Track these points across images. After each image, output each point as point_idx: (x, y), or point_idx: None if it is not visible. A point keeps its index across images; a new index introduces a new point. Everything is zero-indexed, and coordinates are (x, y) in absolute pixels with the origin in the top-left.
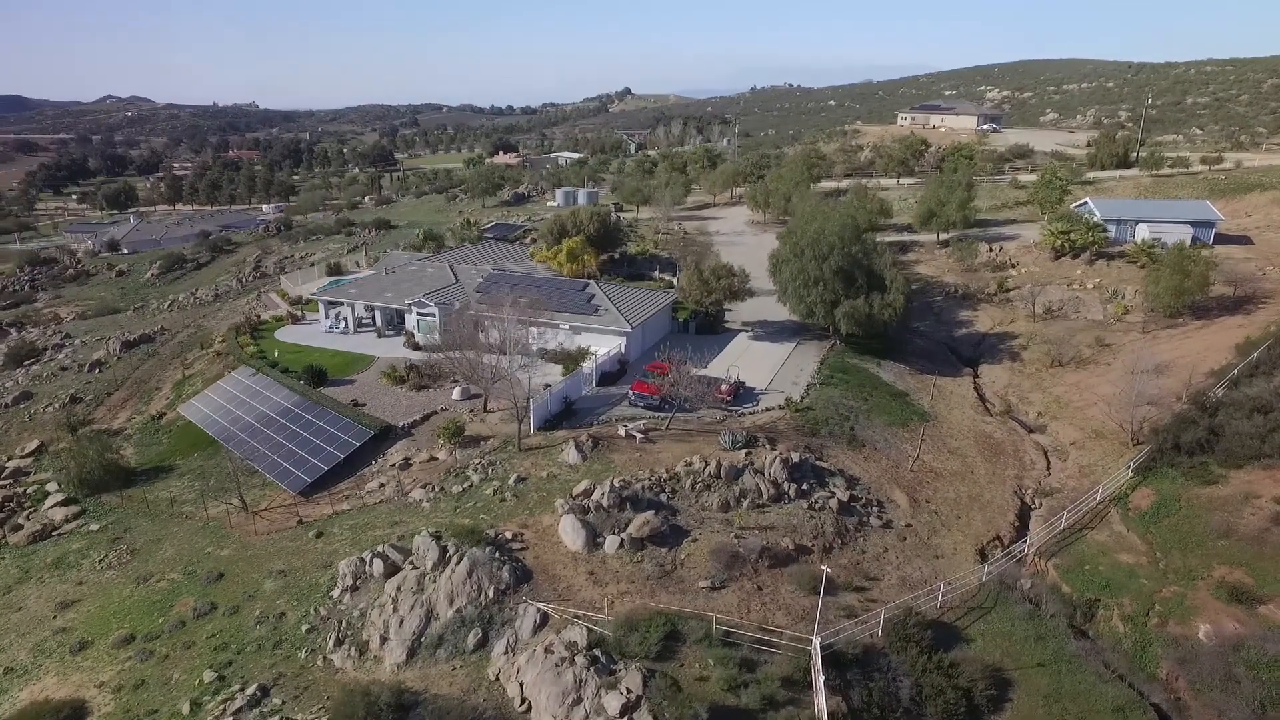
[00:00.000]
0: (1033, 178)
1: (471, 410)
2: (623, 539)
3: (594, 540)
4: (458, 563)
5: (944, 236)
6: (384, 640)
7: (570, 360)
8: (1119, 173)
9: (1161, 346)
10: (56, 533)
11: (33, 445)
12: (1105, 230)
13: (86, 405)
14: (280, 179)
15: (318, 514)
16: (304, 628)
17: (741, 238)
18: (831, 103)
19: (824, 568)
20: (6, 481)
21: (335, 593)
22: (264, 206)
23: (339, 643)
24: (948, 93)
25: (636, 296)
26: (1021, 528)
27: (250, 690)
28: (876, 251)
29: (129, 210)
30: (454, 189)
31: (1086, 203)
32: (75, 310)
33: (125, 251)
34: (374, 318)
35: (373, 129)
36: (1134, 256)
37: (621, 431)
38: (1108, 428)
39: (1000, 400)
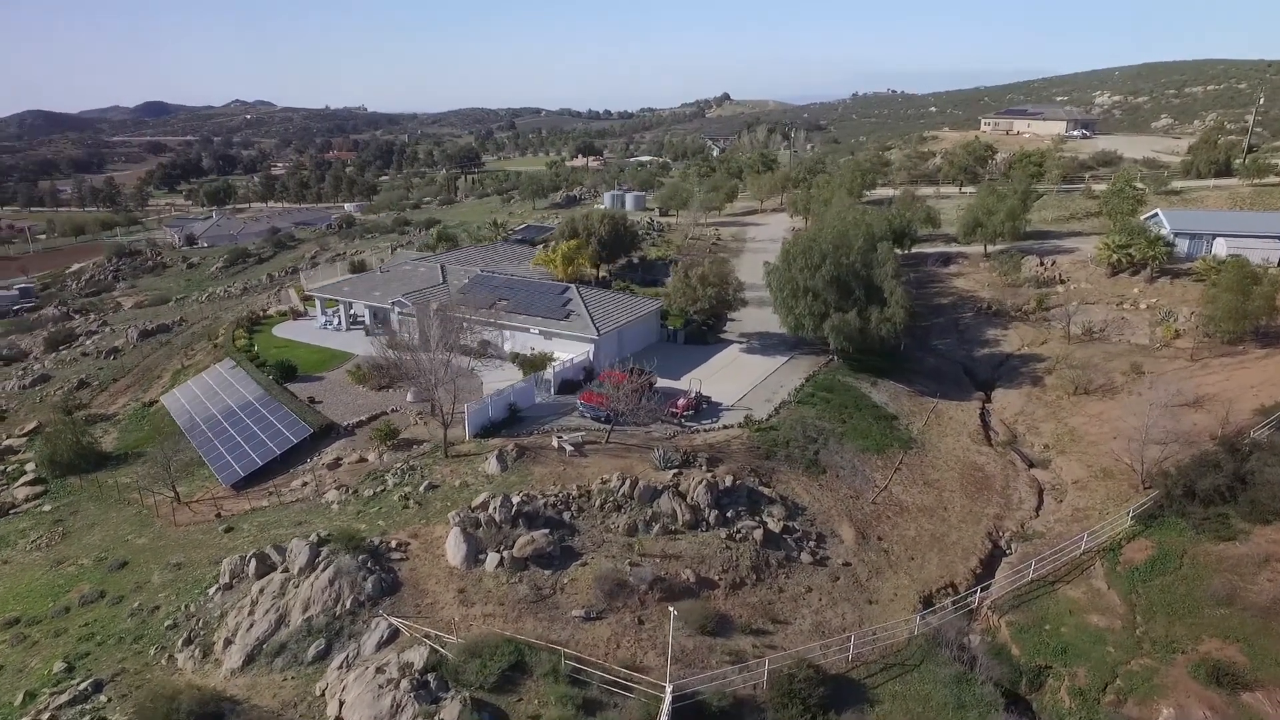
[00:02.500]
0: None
1: (420, 413)
2: (503, 557)
3: (476, 556)
4: (323, 569)
5: (993, 249)
6: (228, 644)
7: (531, 366)
8: (1214, 182)
9: (1208, 377)
10: (14, 510)
11: (31, 426)
12: (1170, 244)
13: (92, 390)
14: (366, 179)
15: (239, 509)
16: (167, 624)
17: (776, 245)
18: (933, 109)
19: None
20: None
21: (211, 590)
22: (346, 205)
23: (188, 643)
24: (1059, 98)
25: (618, 303)
26: (986, 575)
27: (84, 685)
28: (878, 262)
29: (226, 206)
30: (511, 191)
31: (1156, 214)
32: (137, 299)
33: (205, 245)
34: (365, 316)
35: (470, 131)
36: (1203, 274)
37: (555, 443)
38: (1119, 467)
39: (1006, 429)
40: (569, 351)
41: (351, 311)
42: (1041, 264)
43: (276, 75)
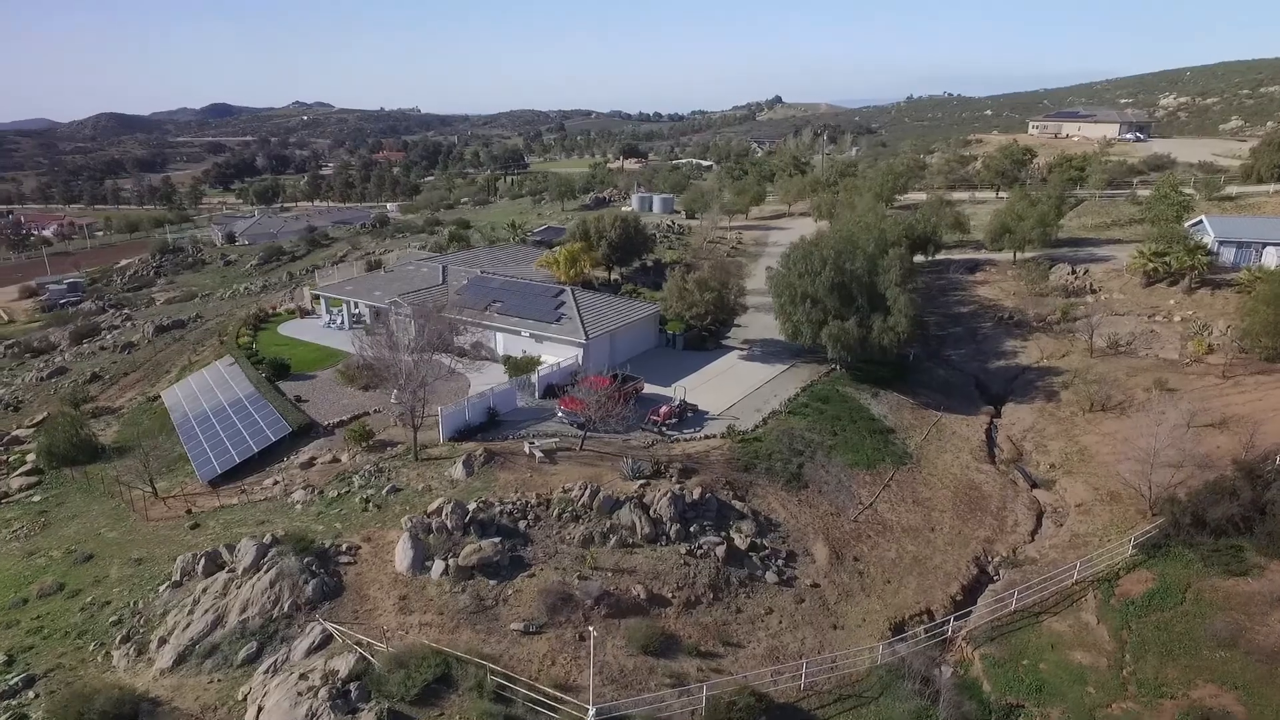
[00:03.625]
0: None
1: (400, 415)
2: (449, 565)
3: (422, 563)
4: (267, 570)
5: (1022, 256)
6: (162, 643)
7: (517, 369)
8: (1275, 186)
9: (1238, 396)
10: (6, 500)
11: (40, 417)
12: (1212, 253)
13: (103, 384)
14: (410, 179)
15: (210, 506)
16: (112, 620)
17: None
18: (988, 112)
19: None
20: (0, 449)
21: (162, 588)
22: (388, 205)
23: (125, 640)
24: (1122, 100)
25: (613, 307)
26: (967, 601)
27: (15, 679)
28: (883, 269)
29: (274, 205)
30: (542, 192)
31: (1201, 220)
32: (169, 295)
33: (245, 243)
34: (366, 315)
35: (520, 133)
36: (1246, 285)
37: (526, 449)
38: (1128, 490)
39: (1012, 446)
40: (558, 355)
41: (355, 311)
42: (1073, 272)
43: (336, 78)
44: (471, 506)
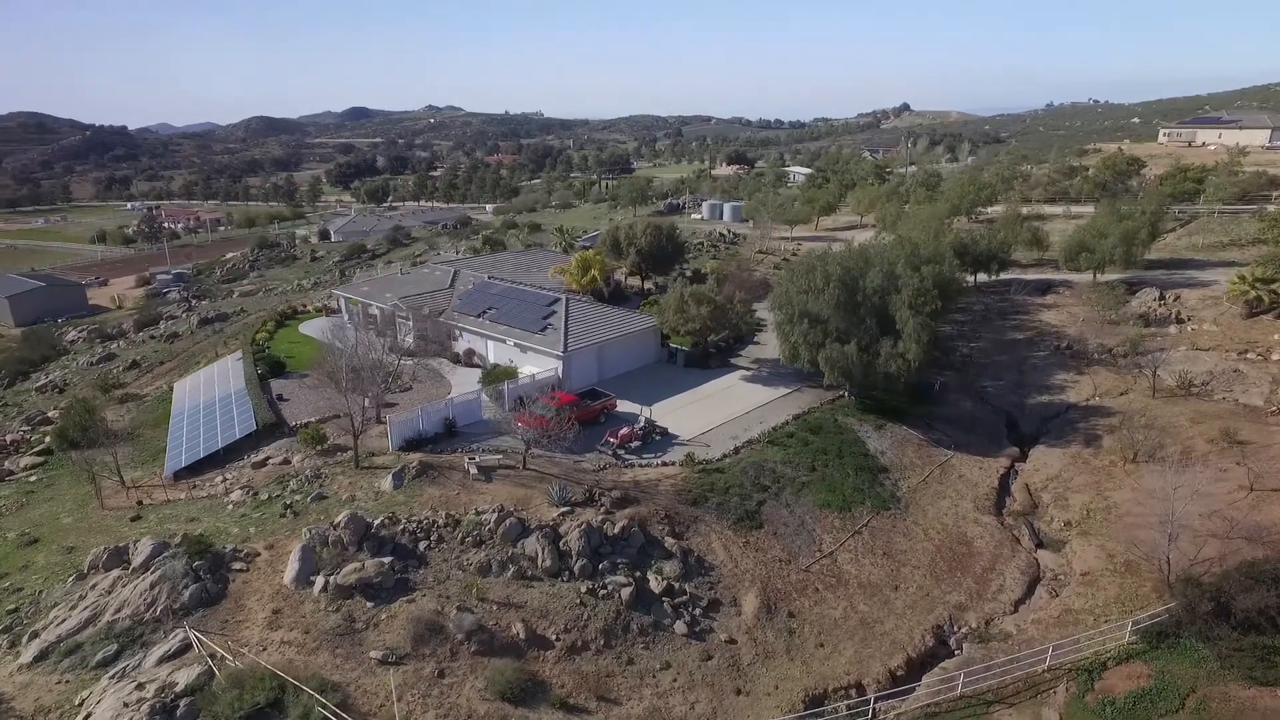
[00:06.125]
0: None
1: (365, 419)
2: (329, 582)
3: (308, 577)
4: (153, 571)
5: (1107, 277)
6: (34, 637)
7: (490, 379)
8: None
9: None
10: (11, 478)
11: (81, 399)
12: None
13: (140, 371)
14: (512, 181)
15: (160, 499)
16: (9, 608)
17: None
18: (1135, 120)
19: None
20: (26, 427)
21: (69, 580)
22: (487, 206)
23: (5, 630)
24: None
25: (607, 319)
26: (910, 678)
27: None
28: (896, 289)
29: (383, 204)
30: (617, 198)
31: None
32: (247, 289)
33: (338, 240)
34: (377, 316)
35: (635, 138)
36: None
37: (466, 464)
38: (1150, 561)
39: (1027, 496)
40: (540, 366)
41: (370, 312)
42: (1161, 298)
43: (468, 82)
44: (376, 521)
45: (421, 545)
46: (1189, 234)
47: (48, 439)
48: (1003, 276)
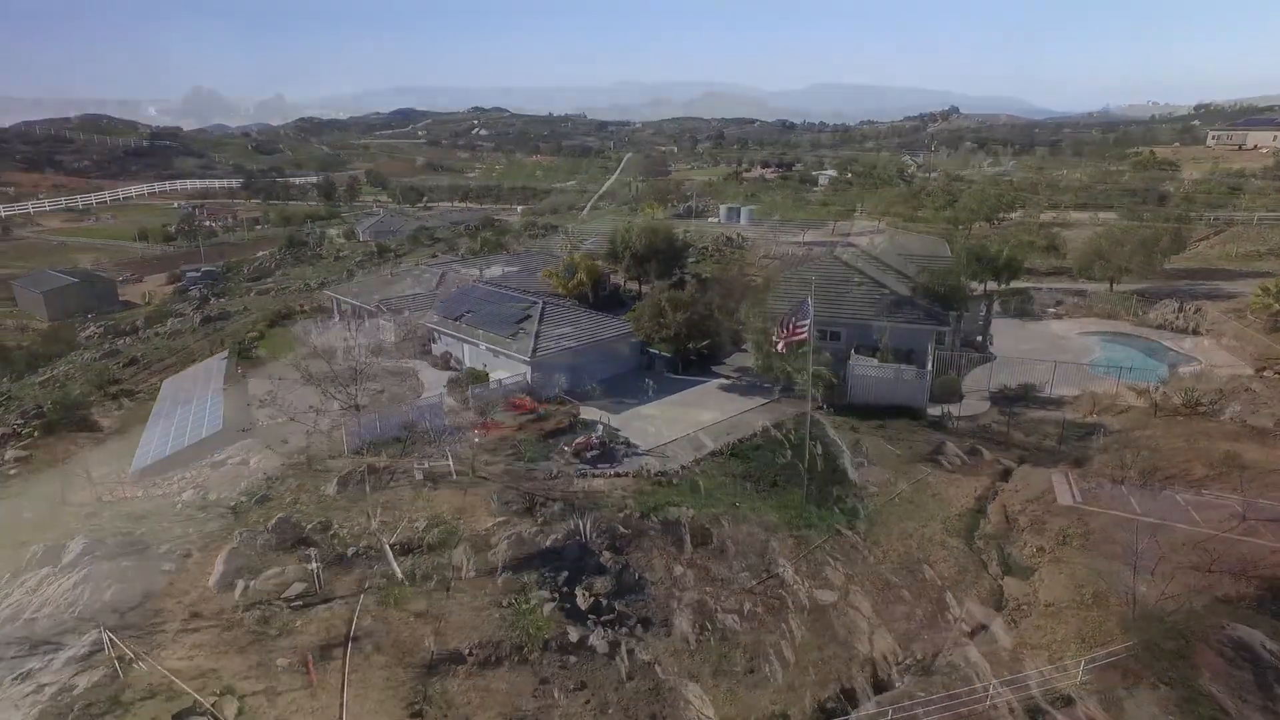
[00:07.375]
0: None
1: (333, 423)
2: (249, 586)
3: (231, 580)
4: (81, 570)
5: (1126, 287)
6: None
7: (456, 384)
8: None
9: None
10: None
11: (74, 393)
12: None
13: (139, 367)
14: (547, 182)
15: (122, 495)
16: None
17: None
18: (1196, 122)
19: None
20: (20, 421)
21: (5, 577)
22: (518, 207)
23: None
24: None
25: (583, 324)
26: (839, 711)
27: None
28: (873, 300)
29: (419, 203)
30: (638, 201)
31: None
32: (265, 287)
33: (365, 239)
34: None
35: (677, 143)
36: None
37: (414, 470)
38: (1120, 592)
39: (1003, 519)
40: (510, 371)
41: (356, 313)
42: (1180, 310)
43: (514, 82)
44: (309, 526)
45: (350, 551)
46: (1223, 242)
47: (36, 433)
48: (1014, 285)
